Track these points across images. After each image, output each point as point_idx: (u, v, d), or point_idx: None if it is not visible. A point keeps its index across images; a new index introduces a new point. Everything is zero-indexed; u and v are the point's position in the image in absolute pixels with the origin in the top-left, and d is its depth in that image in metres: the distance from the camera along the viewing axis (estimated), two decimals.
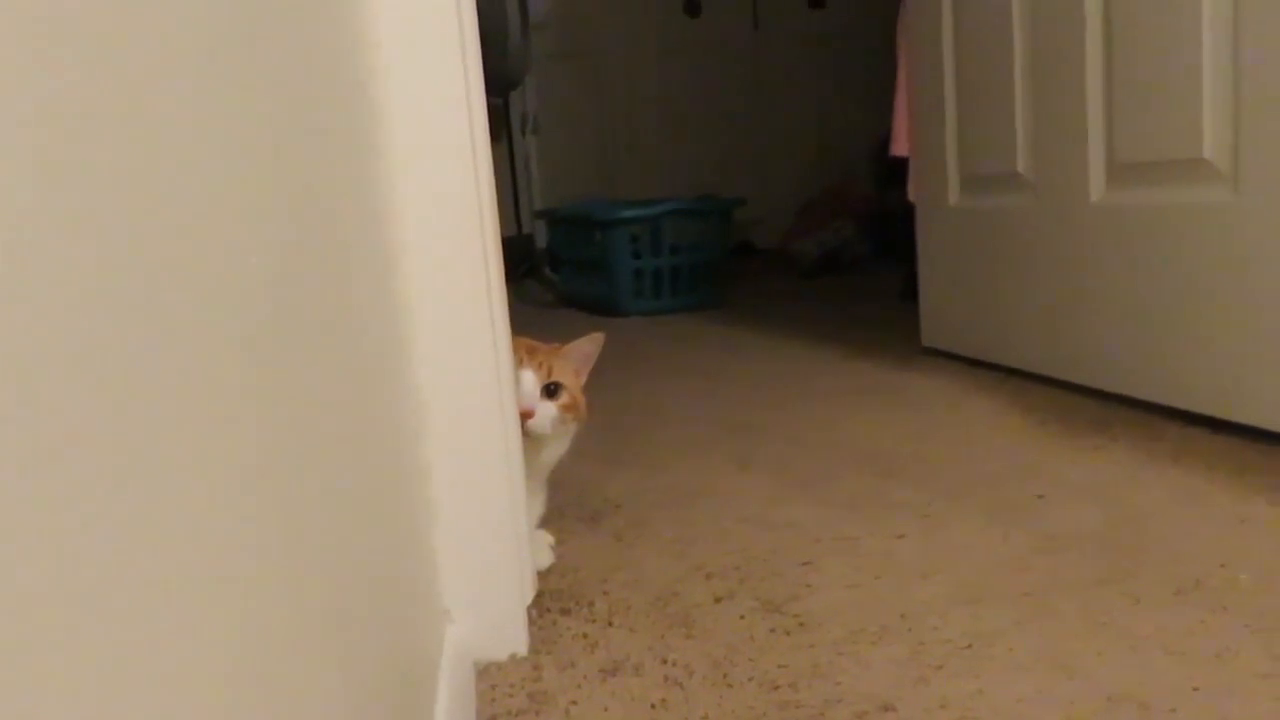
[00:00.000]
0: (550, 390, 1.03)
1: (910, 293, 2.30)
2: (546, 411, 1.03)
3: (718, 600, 0.99)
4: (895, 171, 2.29)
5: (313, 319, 0.46)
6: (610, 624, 0.95)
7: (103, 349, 0.23)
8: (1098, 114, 1.57)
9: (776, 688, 0.82)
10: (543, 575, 1.05)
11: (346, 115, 0.67)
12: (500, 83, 3.25)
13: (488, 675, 0.87)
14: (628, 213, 3.10)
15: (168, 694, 0.25)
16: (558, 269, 3.61)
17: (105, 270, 0.24)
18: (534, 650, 0.91)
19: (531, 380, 1.02)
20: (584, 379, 1.09)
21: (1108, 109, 1.55)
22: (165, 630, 0.25)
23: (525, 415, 0.99)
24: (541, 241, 3.93)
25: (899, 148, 2.16)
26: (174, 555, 0.26)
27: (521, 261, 3.68)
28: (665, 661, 0.87)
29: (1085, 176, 1.60)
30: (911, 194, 2.14)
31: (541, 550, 1.06)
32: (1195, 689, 0.77)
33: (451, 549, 0.92)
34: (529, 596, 0.98)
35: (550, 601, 1.01)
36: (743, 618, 0.95)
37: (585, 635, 0.93)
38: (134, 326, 0.25)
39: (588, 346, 1.09)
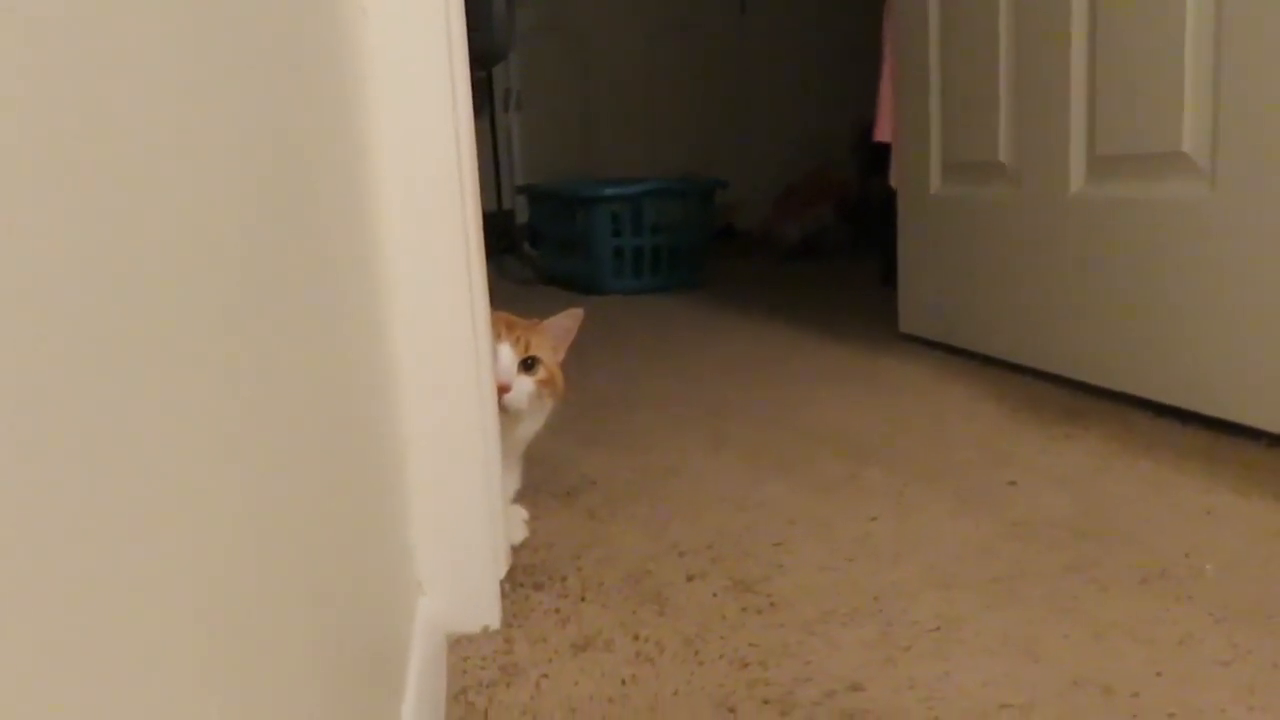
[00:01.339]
0: (527, 365, 1.03)
1: (889, 279, 2.31)
2: (523, 387, 1.02)
3: (690, 579, 1.00)
4: (878, 158, 2.30)
5: (287, 289, 0.46)
6: (582, 599, 0.96)
7: (73, 323, 0.23)
8: (1080, 105, 1.57)
9: (746, 665, 0.82)
10: (516, 550, 1.05)
11: (327, 85, 0.66)
12: (484, 56, 3.23)
13: (459, 647, 0.87)
14: (609, 191, 3.09)
15: (138, 664, 0.25)
16: (538, 245, 3.60)
17: (74, 243, 0.23)
18: (506, 624, 0.91)
19: (509, 355, 1.02)
20: (562, 355, 1.09)
21: (1090, 100, 1.55)
22: (135, 601, 0.25)
23: (502, 390, 0.99)
24: (522, 218, 3.92)
25: (882, 134, 2.17)
26: (144, 525, 0.26)
27: (501, 237, 3.66)
28: (637, 637, 0.88)
29: (1066, 167, 1.61)
30: (893, 180, 2.15)
31: (516, 525, 1.06)
32: (1158, 674, 0.78)
33: (425, 522, 0.92)
34: (502, 570, 0.98)
35: (523, 576, 1.01)
36: (715, 596, 0.96)
37: (557, 610, 0.94)
38: (104, 299, 0.25)
39: (566, 322, 1.08)
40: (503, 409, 0.99)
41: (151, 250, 0.28)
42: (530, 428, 1.06)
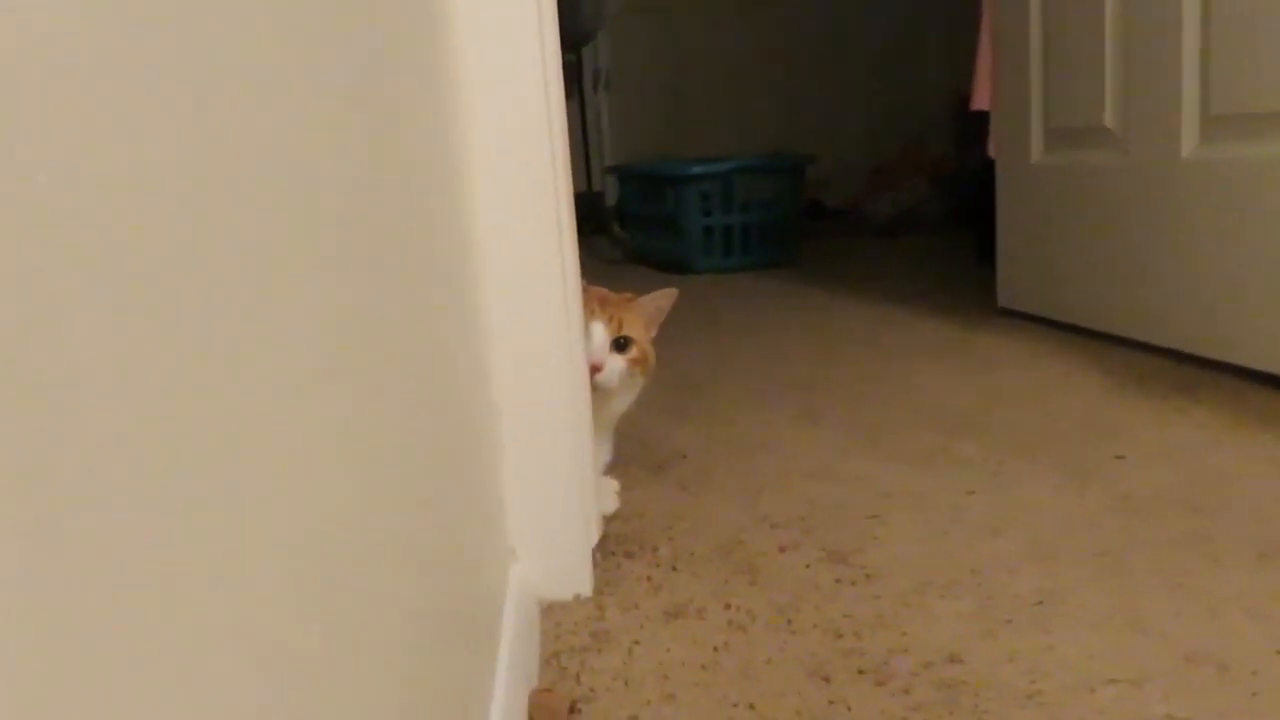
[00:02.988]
0: (620, 345, 1.04)
1: (986, 254, 2.25)
2: (615, 365, 1.03)
3: (782, 550, 0.99)
4: (975, 128, 2.23)
5: (386, 249, 0.47)
6: (674, 569, 0.96)
7: (184, 264, 0.23)
8: (1192, 62, 1.50)
9: (840, 636, 0.81)
10: (608, 520, 1.05)
11: (424, 66, 0.67)
12: (573, 37, 3.24)
13: (552, 613, 0.88)
14: (698, 169, 3.07)
15: (237, 622, 0.25)
16: (627, 226, 3.60)
17: (180, 182, 0.24)
18: (598, 591, 0.92)
19: (601, 334, 1.02)
20: (654, 333, 1.09)
21: (1203, 57, 1.48)
22: (236, 558, 0.25)
23: (594, 369, 1.00)
24: (611, 198, 3.92)
25: (980, 101, 2.10)
26: (246, 473, 0.26)
27: (591, 217, 3.68)
28: (728, 606, 0.87)
29: (1177, 130, 1.54)
30: (991, 150, 2.08)
31: (607, 495, 1.07)
32: (1278, 652, 0.74)
33: (518, 490, 0.93)
34: (594, 539, 0.99)
35: (615, 545, 1.01)
36: (808, 567, 0.95)
37: (649, 579, 0.94)
38: (215, 244, 0.25)
39: (660, 301, 1.09)
40: (595, 387, 0.99)
41: (263, 197, 0.28)
42: (622, 404, 1.07)
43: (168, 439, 0.21)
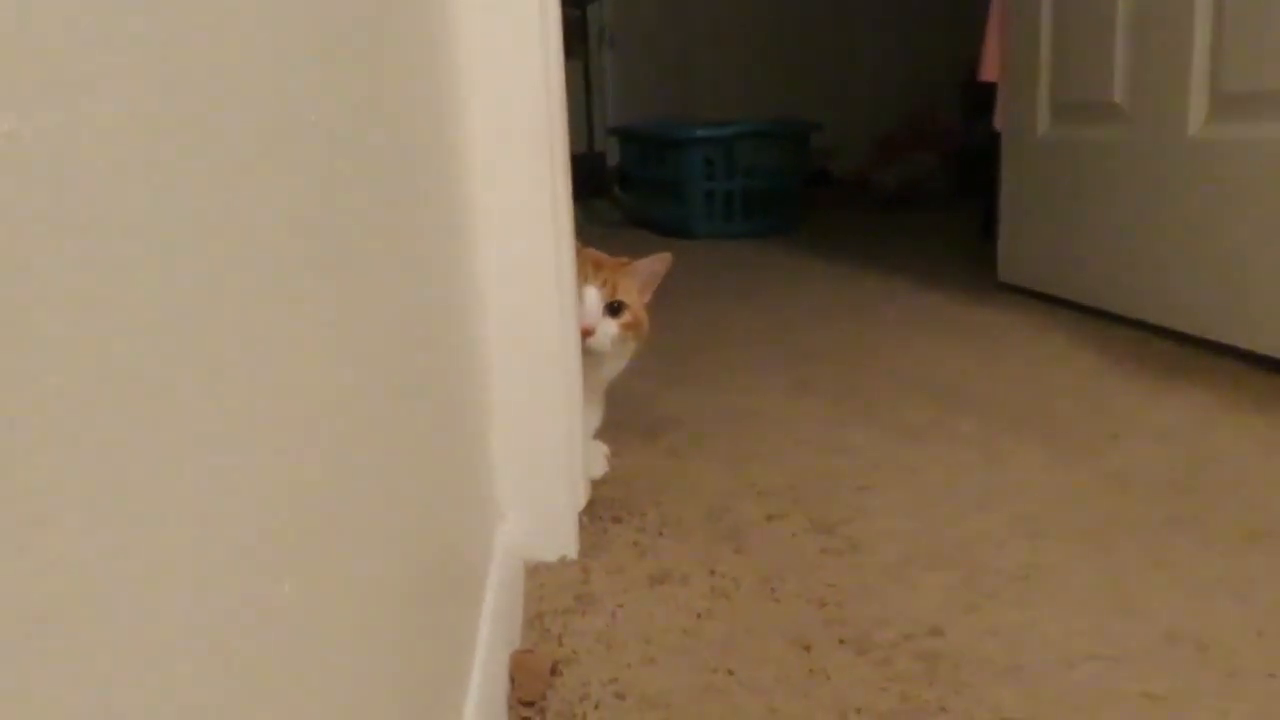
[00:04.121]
0: (613, 309, 1.03)
1: (990, 229, 2.23)
2: (607, 330, 1.02)
3: (769, 519, 0.99)
4: (983, 100, 2.21)
5: (372, 202, 0.46)
6: (660, 534, 0.96)
7: (167, 222, 0.22)
8: (1204, 39, 1.48)
9: (824, 605, 0.81)
10: (597, 484, 1.05)
11: (418, 16, 0.66)
12: None
13: (537, 575, 0.88)
14: (702, 132, 3.04)
15: (222, 568, 0.25)
16: (627, 189, 3.58)
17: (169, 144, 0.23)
18: (584, 554, 0.92)
19: (595, 298, 1.01)
20: (648, 297, 1.08)
21: (1215, 33, 1.46)
22: (218, 504, 0.25)
23: (586, 333, 0.99)
24: (613, 160, 3.89)
25: (988, 72, 2.07)
26: (233, 428, 0.26)
27: (591, 179, 3.65)
28: (713, 573, 0.87)
29: (1185, 107, 1.52)
30: (997, 122, 2.06)
31: (596, 459, 1.07)
32: (1259, 633, 0.75)
33: (507, 450, 0.93)
34: (581, 502, 0.99)
35: (602, 509, 1.01)
36: (794, 536, 0.95)
37: (635, 543, 0.94)
38: (196, 198, 0.24)
39: (655, 265, 1.08)
40: (586, 351, 0.99)
41: (238, 150, 0.27)
42: (613, 368, 1.06)
43: (149, 383, 0.21)
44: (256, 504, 0.28)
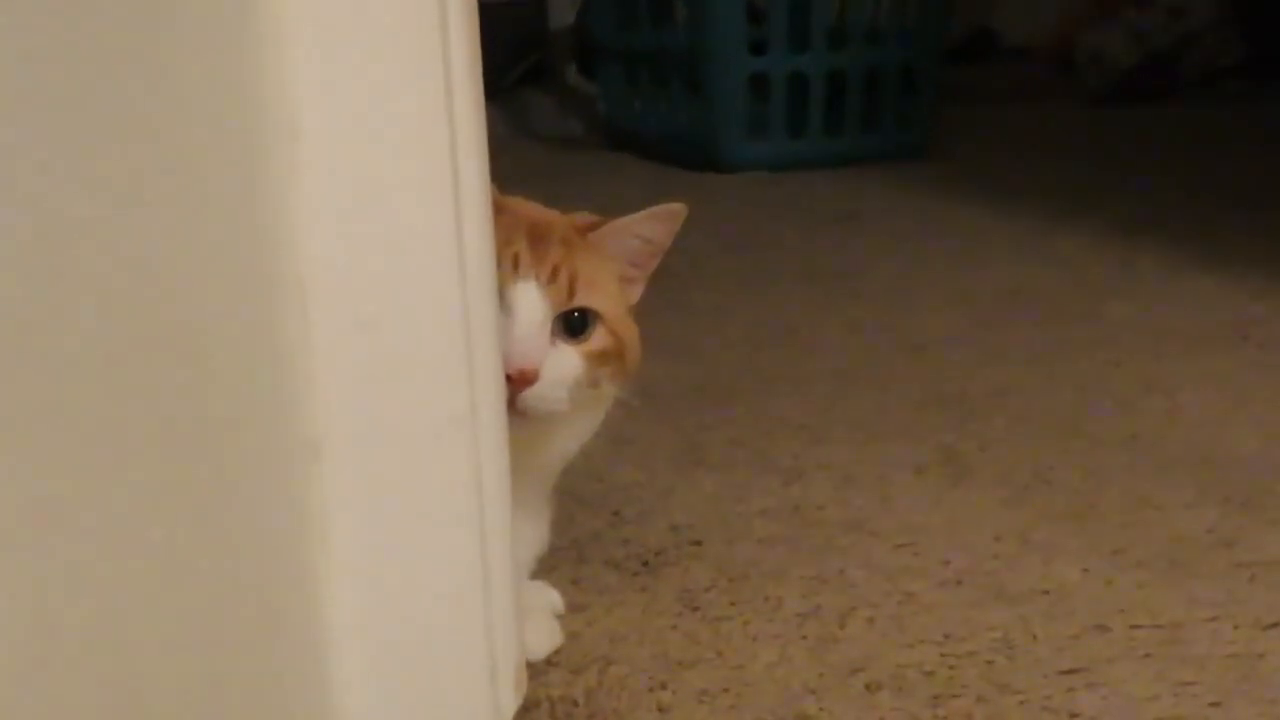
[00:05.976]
0: (571, 325, 0.59)
1: None
2: (561, 367, 0.59)
3: None
4: None
5: None
6: None
7: None
8: None
9: None
10: (538, 670, 0.63)
11: None
12: None
13: None
14: None
15: None
16: (597, 70, 2.25)
17: None
18: None
19: (535, 304, 0.58)
20: (639, 291, 0.63)
21: None
22: None
23: (519, 379, 0.57)
24: (568, 16, 2.41)
25: None
26: None
27: (525, 53, 2.26)
28: None
29: None
30: None
31: (538, 622, 0.65)
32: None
33: (356, 610, 0.56)
34: (509, 709, 0.59)
35: None
36: None
37: None
38: None
39: (650, 228, 0.62)
40: (519, 412, 0.57)
41: None
42: (569, 441, 0.62)
43: None
44: None
